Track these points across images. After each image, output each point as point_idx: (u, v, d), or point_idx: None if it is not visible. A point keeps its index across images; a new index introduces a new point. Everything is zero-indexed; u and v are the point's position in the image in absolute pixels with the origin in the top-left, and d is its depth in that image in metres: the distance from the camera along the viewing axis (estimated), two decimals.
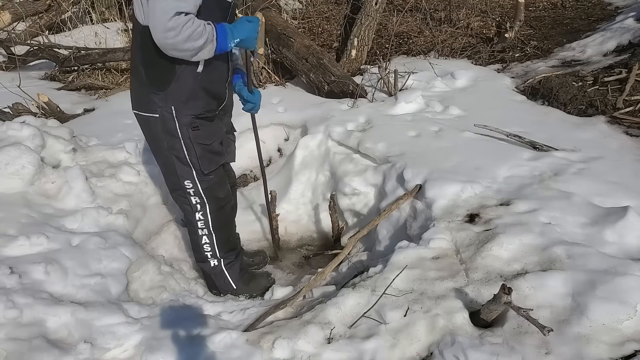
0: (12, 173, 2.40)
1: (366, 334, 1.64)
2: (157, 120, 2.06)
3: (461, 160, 2.63)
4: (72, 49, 5.04)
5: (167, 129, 2.07)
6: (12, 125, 2.69)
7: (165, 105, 2.02)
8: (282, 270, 2.83)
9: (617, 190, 2.24)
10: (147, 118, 2.09)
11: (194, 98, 2.05)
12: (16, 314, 1.70)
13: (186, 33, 1.72)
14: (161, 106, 2.02)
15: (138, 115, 2.14)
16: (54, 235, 2.17)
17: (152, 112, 2.06)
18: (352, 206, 2.96)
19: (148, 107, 2.06)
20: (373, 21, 4.76)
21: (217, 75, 2.11)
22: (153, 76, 2.00)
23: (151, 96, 2.02)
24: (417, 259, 1.94)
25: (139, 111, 2.12)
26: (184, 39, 1.73)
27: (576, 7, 5.48)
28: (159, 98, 2.02)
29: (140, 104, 2.10)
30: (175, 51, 1.79)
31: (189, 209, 2.30)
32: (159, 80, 1.99)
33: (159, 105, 2.03)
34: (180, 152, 2.12)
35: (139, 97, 2.10)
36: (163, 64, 1.93)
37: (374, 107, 3.64)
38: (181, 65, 1.94)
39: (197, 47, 1.79)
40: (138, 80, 2.06)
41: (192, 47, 1.78)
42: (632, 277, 1.57)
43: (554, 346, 1.45)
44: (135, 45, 2.01)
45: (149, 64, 1.98)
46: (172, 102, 2.02)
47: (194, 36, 1.75)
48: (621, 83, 3.42)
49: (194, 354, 1.67)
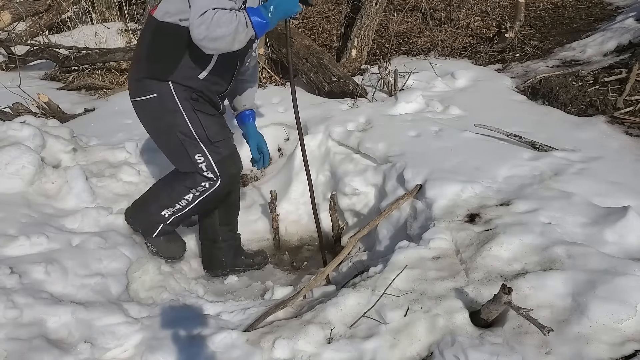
0: (12, 173, 2.40)
1: (366, 334, 1.64)
2: (155, 99, 2.06)
3: (461, 160, 2.63)
4: (72, 49, 5.04)
5: (167, 106, 2.07)
6: (12, 125, 2.69)
7: (162, 84, 2.04)
8: (282, 270, 2.83)
9: (617, 190, 2.24)
10: (146, 101, 2.08)
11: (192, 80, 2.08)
12: (16, 314, 1.69)
13: (213, 22, 1.75)
14: (157, 85, 2.05)
15: (136, 102, 2.14)
16: (54, 235, 2.16)
17: (149, 93, 2.06)
18: (352, 206, 2.96)
19: (145, 89, 2.07)
20: (373, 21, 4.76)
21: (216, 88, 2.19)
22: (154, 68, 2.05)
23: (147, 81, 2.06)
24: (417, 259, 1.94)
25: (137, 97, 2.12)
26: (213, 28, 1.76)
27: (576, 7, 5.48)
28: (155, 82, 2.05)
29: (137, 90, 2.11)
30: (210, 42, 1.80)
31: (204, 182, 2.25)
32: (159, 70, 2.04)
33: (155, 85, 2.04)
34: (184, 126, 2.10)
35: (136, 83, 2.11)
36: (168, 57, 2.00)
37: (374, 107, 3.64)
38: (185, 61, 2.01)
39: (230, 32, 1.79)
40: (137, 68, 2.10)
41: (224, 33, 1.78)
42: (632, 277, 1.57)
43: (554, 346, 1.45)
44: (144, 42, 2.09)
45: (154, 55, 2.04)
46: (170, 79, 2.05)
47: (221, 23, 1.76)
48: (621, 83, 3.42)
49: (194, 354, 1.67)
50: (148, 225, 2.40)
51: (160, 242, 2.43)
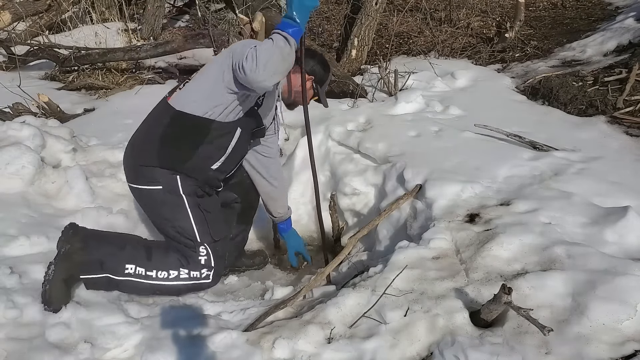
0: (12, 173, 2.40)
1: (366, 334, 1.64)
2: (159, 191, 1.99)
3: (461, 160, 2.63)
4: (72, 48, 5.04)
5: (171, 200, 2.00)
6: (12, 125, 2.69)
7: (169, 177, 1.98)
8: (282, 270, 2.83)
9: (617, 190, 2.24)
10: (149, 190, 2.01)
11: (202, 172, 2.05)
12: (16, 314, 1.70)
13: (259, 55, 1.74)
14: (165, 177, 1.97)
15: (136, 189, 2.05)
16: (54, 235, 2.15)
17: (154, 184, 1.99)
18: (352, 206, 2.96)
19: (149, 178, 1.99)
20: (373, 21, 4.76)
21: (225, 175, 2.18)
22: (165, 155, 1.98)
23: (155, 170, 1.98)
24: (417, 259, 1.94)
25: (138, 184, 2.03)
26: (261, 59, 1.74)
27: (576, 7, 5.49)
28: (164, 172, 1.98)
29: (139, 176, 2.02)
30: (264, 72, 1.76)
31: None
32: (169, 160, 1.98)
33: (162, 176, 1.97)
34: (186, 223, 2.01)
35: (140, 169, 2.02)
36: (183, 147, 1.96)
37: (374, 107, 3.64)
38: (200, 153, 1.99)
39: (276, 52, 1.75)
40: (143, 154, 2.01)
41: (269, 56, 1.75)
42: (632, 277, 1.57)
43: (554, 346, 1.45)
44: (156, 128, 2.00)
45: (167, 144, 1.97)
46: (178, 173, 1.99)
47: (263, 51, 1.75)
48: (621, 83, 3.43)
49: (194, 354, 1.67)
50: (91, 262, 1.92)
51: (62, 286, 1.84)
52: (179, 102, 2.00)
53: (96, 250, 1.94)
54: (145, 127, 2.10)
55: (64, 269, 1.86)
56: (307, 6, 1.82)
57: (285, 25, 1.81)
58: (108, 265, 1.94)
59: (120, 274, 1.96)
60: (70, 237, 1.92)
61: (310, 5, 1.82)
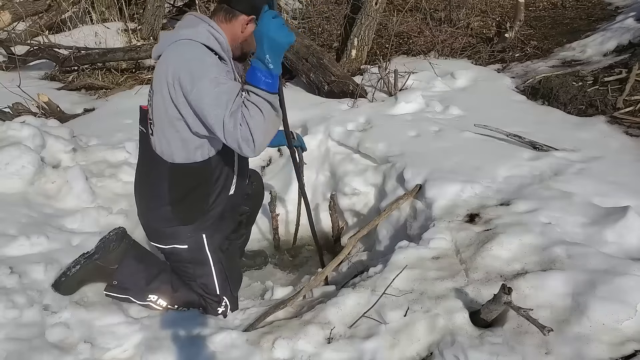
0: (12, 173, 2.40)
1: (366, 334, 1.64)
2: (185, 250, 1.89)
3: (461, 160, 2.63)
4: (72, 48, 5.04)
5: (196, 258, 1.91)
6: (12, 125, 2.69)
7: (195, 235, 1.87)
8: (282, 270, 2.83)
9: (617, 190, 2.24)
10: (174, 249, 1.90)
11: (223, 218, 1.93)
12: (16, 314, 1.69)
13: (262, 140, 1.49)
14: (190, 236, 1.86)
15: (159, 248, 1.95)
16: (54, 235, 2.17)
17: (180, 243, 1.88)
18: (352, 206, 2.96)
19: (175, 238, 1.87)
20: (373, 21, 4.75)
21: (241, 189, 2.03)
22: (183, 211, 1.83)
23: (177, 229, 1.86)
24: (417, 259, 1.94)
25: (161, 244, 1.92)
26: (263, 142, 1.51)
27: (576, 7, 5.49)
28: (188, 229, 1.86)
29: (160, 237, 1.91)
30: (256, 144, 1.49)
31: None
32: (190, 215, 1.84)
33: (187, 235, 1.86)
34: (208, 280, 1.94)
35: (159, 231, 1.90)
36: (197, 197, 1.81)
37: (374, 107, 3.64)
38: (215, 192, 1.84)
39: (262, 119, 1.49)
40: (160, 215, 1.86)
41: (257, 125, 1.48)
42: (632, 277, 1.57)
43: (554, 346, 1.45)
44: (160, 187, 1.81)
45: (180, 201, 1.81)
46: (203, 230, 1.88)
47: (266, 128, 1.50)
48: (621, 83, 3.43)
49: (194, 354, 1.67)
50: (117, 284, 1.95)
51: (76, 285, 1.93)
52: (165, 153, 1.76)
53: (127, 276, 1.95)
54: (145, 182, 1.90)
55: (87, 274, 1.92)
56: (281, 45, 1.50)
57: (260, 78, 1.49)
58: (132, 291, 1.96)
59: (142, 300, 1.96)
60: (111, 247, 1.95)
61: (285, 43, 1.51)
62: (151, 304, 1.96)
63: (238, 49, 1.77)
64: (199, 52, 1.60)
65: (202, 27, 1.65)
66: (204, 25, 1.66)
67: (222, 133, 1.50)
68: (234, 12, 1.68)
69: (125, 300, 1.97)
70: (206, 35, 1.64)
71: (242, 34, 1.72)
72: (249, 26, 1.71)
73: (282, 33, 1.49)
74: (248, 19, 1.70)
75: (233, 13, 1.69)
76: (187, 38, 1.62)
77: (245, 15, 1.69)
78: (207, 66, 1.56)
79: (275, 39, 1.48)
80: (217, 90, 1.51)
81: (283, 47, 1.52)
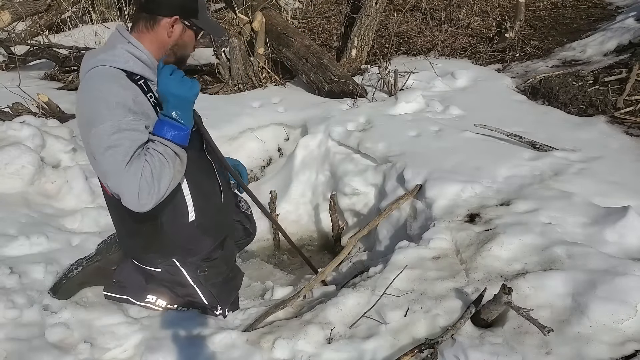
0: (12, 173, 2.40)
1: (366, 334, 1.64)
2: (161, 273, 1.84)
3: (461, 160, 2.63)
4: (72, 48, 5.04)
5: (176, 280, 1.85)
6: (12, 125, 2.69)
7: (166, 260, 1.80)
8: (282, 270, 2.83)
9: (617, 190, 2.24)
10: (150, 272, 1.87)
11: (194, 242, 1.78)
12: (16, 314, 1.69)
13: (147, 173, 1.37)
14: (161, 262, 1.80)
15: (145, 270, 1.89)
16: (54, 235, 2.17)
17: (154, 267, 1.83)
18: (352, 206, 2.96)
19: (148, 263, 1.83)
20: (373, 21, 4.76)
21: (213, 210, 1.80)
22: (141, 241, 1.74)
23: (146, 256, 1.81)
24: (417, 259, 1.94)
25: (142, 265, 1.86)
26: (165, 192, 1.43)
27: (576, 6, 5.48)
28: (156, 256, 1.79)
29: (137, 260, 1.86)
30: (159, 195, 1.41)
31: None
32: (149, 244, 1.74)
33: (158, 261, 1.81)
34: (197, 298, 1.90)
35: (134, 257, 1.87)
36: (148, 230, 1.67)
37: (374, 107, 3.64)
38: (166, 223, 1.66)
39: (170, 172, 1.42)
40: (123, 244, 1.87)
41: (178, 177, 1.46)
42: (632, 277, 1.57)
43: (554, 346, 1.45)
44: (111, 212, 1.75)
45: (134, 233, 1.72)
46: (172, 255, 1.79)
47: (156, 165, 1.39)
48: (621, 83, 3.43)
49: (194, 354, 1.67)
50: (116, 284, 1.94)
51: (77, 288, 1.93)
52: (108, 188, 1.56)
53: (125, 274, 1.93)
54: (112, 217, 1.81)
55: (87, 276, 1.92)
56: (187, 99, 1.45)
57: (168, 131, 1.43)
58: (131, 290, 1.94)
59: (141, 301, 1.95)
60: (113, 249, 1.95)
61: (191, 96, 1.46)
62: (150, 304, 1.96)
63: (171, 56, 1.61)
64: (108, 87, 1.43)
65: (119, 49, 1.50)
66: (122, 45, 1.52)
67: (117, 181, 1.38)
68: (155, 18, 1.54)
69: (124, 301, 1.96)
70: (124, 57, 1.49)
71: (170, 38, 1.57)
72: (175, 28, 1.56)
73: (184, 87, 1.46)
74: (172, 21, 1.55)
75: (154, 19, 1.54)
76: (102, 65, 1.47)
77: (167, 18, 1.54)
78: (111, 110, 1.40)
79: (179, 95, 1.45)
80: (117, 136, 1.38)
81: (190, 101, 1.48)
